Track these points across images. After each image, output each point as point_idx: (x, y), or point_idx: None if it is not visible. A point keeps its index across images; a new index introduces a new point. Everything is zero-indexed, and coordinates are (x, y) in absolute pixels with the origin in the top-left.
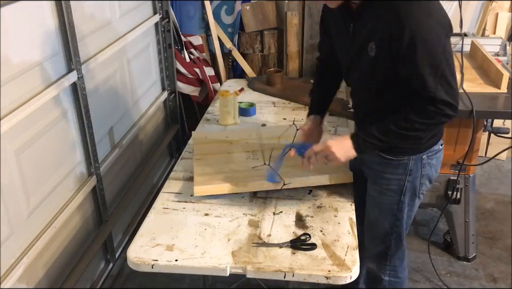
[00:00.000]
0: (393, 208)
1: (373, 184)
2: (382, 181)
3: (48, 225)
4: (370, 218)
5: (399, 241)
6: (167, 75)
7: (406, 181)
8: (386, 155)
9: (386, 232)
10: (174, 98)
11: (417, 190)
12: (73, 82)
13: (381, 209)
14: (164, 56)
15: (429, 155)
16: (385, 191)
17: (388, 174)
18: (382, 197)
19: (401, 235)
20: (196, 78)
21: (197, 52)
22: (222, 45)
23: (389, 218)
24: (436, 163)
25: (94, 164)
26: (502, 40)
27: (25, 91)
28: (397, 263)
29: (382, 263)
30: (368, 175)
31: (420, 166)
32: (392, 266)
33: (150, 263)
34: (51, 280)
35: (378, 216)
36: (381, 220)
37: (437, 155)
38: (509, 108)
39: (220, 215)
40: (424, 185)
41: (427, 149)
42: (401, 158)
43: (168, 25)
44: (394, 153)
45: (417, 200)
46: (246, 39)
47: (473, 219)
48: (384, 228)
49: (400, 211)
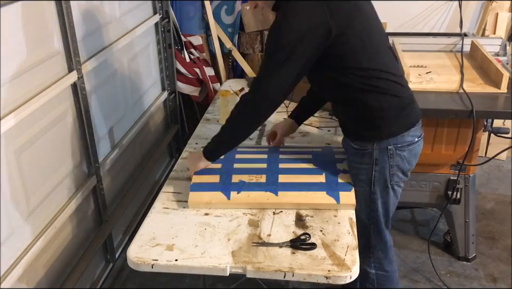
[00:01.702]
0: (366, 199)
1: (350, 174)
2: (353, 170)
3: (48, 225)
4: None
5: (378, 233)
6: (167, 75)
7: (373, 171)
8: (352, 144)
9: (364, 224)
10: (174, 98)
11: (388, 180)
12: (73, 82)
13: (357, 200)
14: (163, 56)
15: (397, 146)
16: (357, 181)
17: (356, 163)
18: (356, 188)
19: (379, 227)
20: (195, 78)
21: (197, 52)
22: (222, 45)
23: (364, 210)
24: (408, 156)
25: (94, 164)
26: (502, 40)
27: (25, 91)
28: (381, 255)
29: (366, 256)
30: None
31: (387, 156)
32: (376, 258)
33: (150, 263)
34: (51, 280)
35: (357, 205)
36: (357, 212)
37: (410, 147)
38: (509, 108)
39: (220, 214)
40: (396, 176)
41: (388, 138)
42: (365, 146)
43: (168, 25)
44: (356, 140)
45: (391, 192)
46: (246, 39)
47: (473, 219)
48: (362, 220)
49: (374, 202)
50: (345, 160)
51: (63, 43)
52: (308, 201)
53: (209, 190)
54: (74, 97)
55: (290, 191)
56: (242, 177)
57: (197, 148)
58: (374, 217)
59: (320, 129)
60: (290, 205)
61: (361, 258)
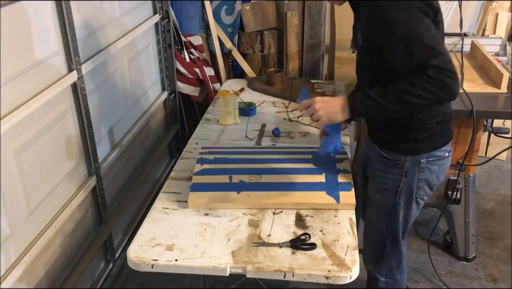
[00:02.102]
0: (389, 209)
1: (371, 181)
2: (378, 179)
3: (48, 225)
4: (368, 217)
5: (394, 243)
6: (167, 75)
7: (401, 182)
8: (384, 153)
9: (382, 232)
10: (174, 98)
11: (414, 193)
12: (73, 82)
13: (377, 208)
14: (163, 56)
15: (429, 160)
16: (380, 190)
17: (383, 172)
18: (377, 196)
19: (397, 237)
20: (196, 78)
21: (197, 52)
22: (222, 45)
23: (384, 218)
24: (437, 170)
25: (94, 164)
26: (502, 40)
27: (25, 91)
28: (393, 264)
29: (378, 264)
30: (369, 173)
31: (418, 170)
32: (388, 267)
33: (150, 263)
34: (51, 280)
35: (374, 215)
36: (376, 219)
37: (440, 162)
38: (509, 108)
39: (220, 214)
40: (422, 190)
41: (426, 152)
42: (398, 157)
43: (168, 25)
44: (391, 151)
45: (414, 205)
46: (246, 39)
47: (473, 219)
48: (379, 228)
49: (396, 213)
50: (345, 160)
51: (63, 43)
52: (308, 201)
53: (209, 190)
54: (74, 97)
55: (290, 191)
56: (242, 177)
57: (197, 148)
58: (393, 227)
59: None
60: (290, 205)
61: (373, 265)
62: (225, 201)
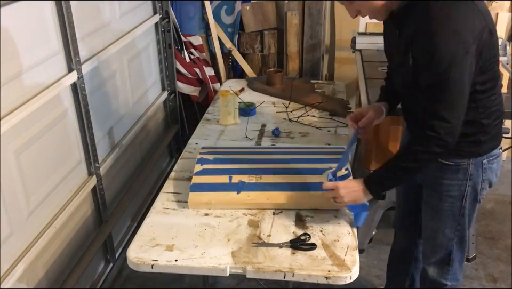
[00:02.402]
0: (455, 214)
1: (431, 191)
2: (441, 187)
3: (48, 225)
4: (430, 227)
5: (461, 245)
6: (167, 75)
7: (467, 186)
8: (445, 160)
9: (448, 238)
10: (174, 98)
11: (478, 194)
12: (73, 82)
13: (442, 216)
14: (164, 56)
15: (490, 160)
16: (445, 197)
17: (447, 179)
18: (442, 204)
19: (463, 238)
20: (196, 78)
21: (197, 52)
22: (222, 45)
23: (450, 225)
24: (496, 168)
25: (94, 164)
26: (502, 40)
27: (25, 91)
28: (458, 266)
29: (444, 269)
30: (423, 181)
31: (481, 171)
32: (453, 270)
33: (150, 263)
34: (51, 280)
35: (439, 224)
36: (442, 227)
37: (498, 159)
38: (509, 108)
39: (220, 215)
40: (485, 190)
41: (486, 153)
42: (460, 162)
43: (168, 25)
44: (453, 157)
45: (477, 205)
46: (246, 39)
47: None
48: (446, 235)
49: (462, 216)
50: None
51: (63, 43)
52: (308, 201)
53: (209, 190)
54: (74, 97)
55: (290, 191)
56: (242, 177)
57: (197, 148)
58: (460, 231)
59: (320, 129)
60: (290, 205)
61: (438, 271)
62: (225, 201)
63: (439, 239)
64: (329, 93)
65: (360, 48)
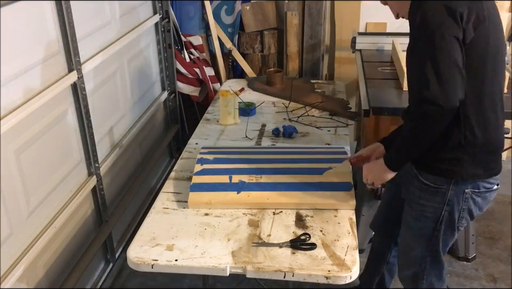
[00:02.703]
0: (428, 234)
1: (409, 207)
2: (417, 206)
3: (48, 225)
4: (404, 242)
5: (436, 261)
6: (167, 75)
7: (444, 211)
8: (425, 180)
9: (421, 256)
10: (174, 98)
11: (456, 223)
12: (73, 82)
13: (416, 234)
14: (163, 56)
15: (475, 191)
16: (420, 217)
17: (423, 200)
18: (416, 223)
19: (437, 257)
20: (196, 78)
21: (197, 52)
22: (222, 45)
23: (423, 244)
24: (481, 202)
25: (94, 164)
26: None
27: (25, 91)
28: (434, 280)
29: (418, 282)
30: (404, 196)
31: (462, 199)
32: (429, 283)
33: (150, 263)
34: (51, 280)
35: (412, 240)
36: (415, 245)
37: (486, 194)
38: (509, 108)
39: (220, 215)
40: (465, 219)
41: (470, 178)
42: (440, 185)
43: (168, 25)
44: (432, 174)
45: (455, 233)
46: (246, 39)
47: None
48: (418, 252)
49: (436, 238)
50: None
51: (63, 43)
52: (307, 201)
53: (209, 190)
54: (74, 97)
55: (290, 191)
56: (242, 177)
57: (197, 148)
58: (434, 252)
59: (320, 129)
60: (290, 205)
61: (412, 283)
62: (225, 201)
63: (412, 255)
64: (329, 93)
65: (360, 48)
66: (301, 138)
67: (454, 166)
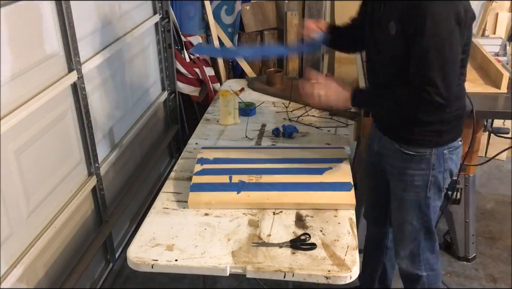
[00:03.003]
0: (420, 204)
1: (398, 181)
2: (406, 177)
3: (48, 225)
4: (398, 218)
5: (428, 235)
6: (167, 75)
7: (430, 176)
8: (407, 151)
9: (415, 230)
10: (174, 98)
11: (442, 185)
12: (73, 82)
13: (408, 207)
14: (163, 56)
15: (450, 150)
16: (409, 187)
17: (411, 169)
18: (407, 194)
19: (430, 229)
20: (196, 78)
21: None
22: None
23: (416, 215)
24: (456, 159)
25: (94, 164)
26: (502, 40)
27: (25, 91)
28: (429, 256)
29: (415, 260)
30: (390, 174)
31: (443, 161)
32: (425, 260)
33: (150, 263)
34: (51, 280)
35: (405, 214)
36: (408, 218)
37: (457, 151)
38: (509, 108)
39: (220, 215)
40: (447, 179)
41: (446, 143)
42: (423, 152)
43: (168, 25)
44: (416, 146)
45: (442, 196)
46: (246, 39)
47: (473, 219)
48: (412, 226)
49: (427, 207)
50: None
51: (63, 43)
52: (308, 201)
53: (209, 190)
54: (74, 97)
55: (290, 191)
56: (242, 177)
57: (197, 148)
58: (427, 221)
59: (320, 129)
60: (290, 205)
61: (411, 264)
62: (226, 201)
63: (407, 230)
64: None
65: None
66: (301, 138)
67: (436, 137)
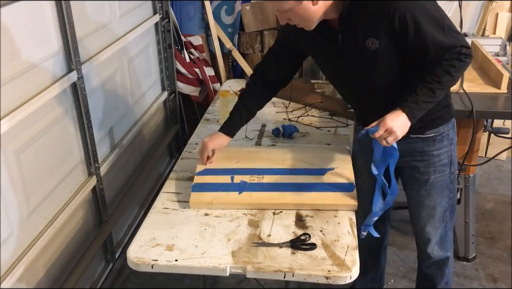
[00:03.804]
0: (447, 183)
1: (424, 167)
2: (433, 159)
3: (48, 225)
4: (429, 205)
5: (453, 213)
6: (167, 75)
7: (451, 150)
8: (430, 134)
9: (444, 210)
10: (174, 98)
11: (456, 157)
12: (73, 82)
13: (438, 189)
14: (163, 56)
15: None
16: (439, 169)
17: (436, 150)
18: (436, 176)
19: (454, 206)
20: (196, 78)
21: (197, 52)
22: (222, 45)
23: (446, 195)
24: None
25: (94, 164)
26: (502, 40)
27: (25, 91)
28: (450, 234)
29: (443, 242)
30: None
31: (454, 132)
32: (450, 238)
33: (150, 263)
34: (51, 280)
35: (436, 197)
36: (439, 199)
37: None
38: (509, 108)
39: (220, 215)
40: (455, 150)
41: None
42: (442, 130)
43: (168, 25)
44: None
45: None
46: (246, 39)
47: (473, 219)
48: (442, 207)
49: (452, 183)
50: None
51: (63, 43)
52: (308, 201)
53: (211, 190)
54: (74, 97)
55: (292, 192)
56: (243, 177)
57: (197, 148)
58: (452, 198)
59: (320, 129)
60: (292, 206)
61: (439, 247)
62: (227, 201)
63: (438, 214)
64: (329, 93)
65: None
66: (301, 138)
67: (447, 108)
